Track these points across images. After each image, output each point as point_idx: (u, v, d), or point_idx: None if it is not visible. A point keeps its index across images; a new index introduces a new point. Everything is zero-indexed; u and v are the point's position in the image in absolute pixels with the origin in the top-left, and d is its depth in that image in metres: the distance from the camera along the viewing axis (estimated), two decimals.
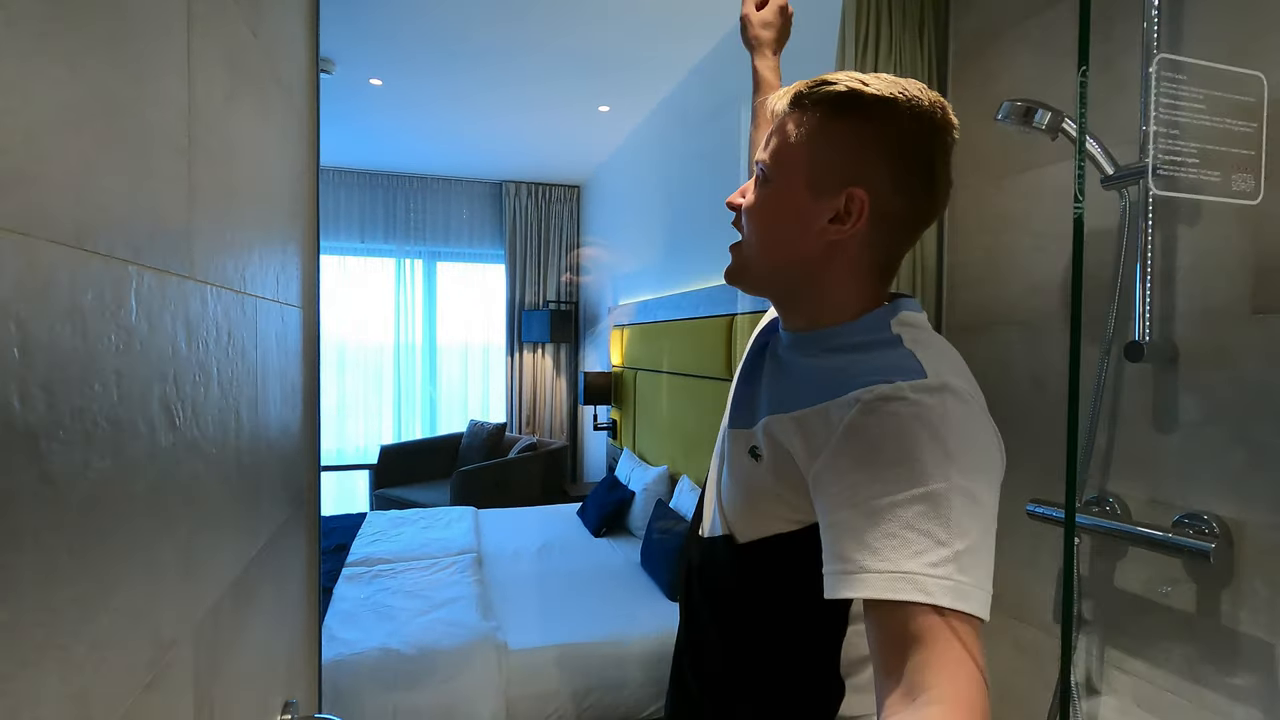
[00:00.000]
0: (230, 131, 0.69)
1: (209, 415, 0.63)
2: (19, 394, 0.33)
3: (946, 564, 0.51)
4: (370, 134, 4.30)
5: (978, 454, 0.55)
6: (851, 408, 0.58)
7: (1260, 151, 0.76)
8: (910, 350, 0.61)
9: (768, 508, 0.66)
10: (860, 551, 0.53)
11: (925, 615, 0.50)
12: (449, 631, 2.07)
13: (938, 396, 0.56)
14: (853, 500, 0.55)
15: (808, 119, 0.64)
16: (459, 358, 5.74)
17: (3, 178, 0.31)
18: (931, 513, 0.52)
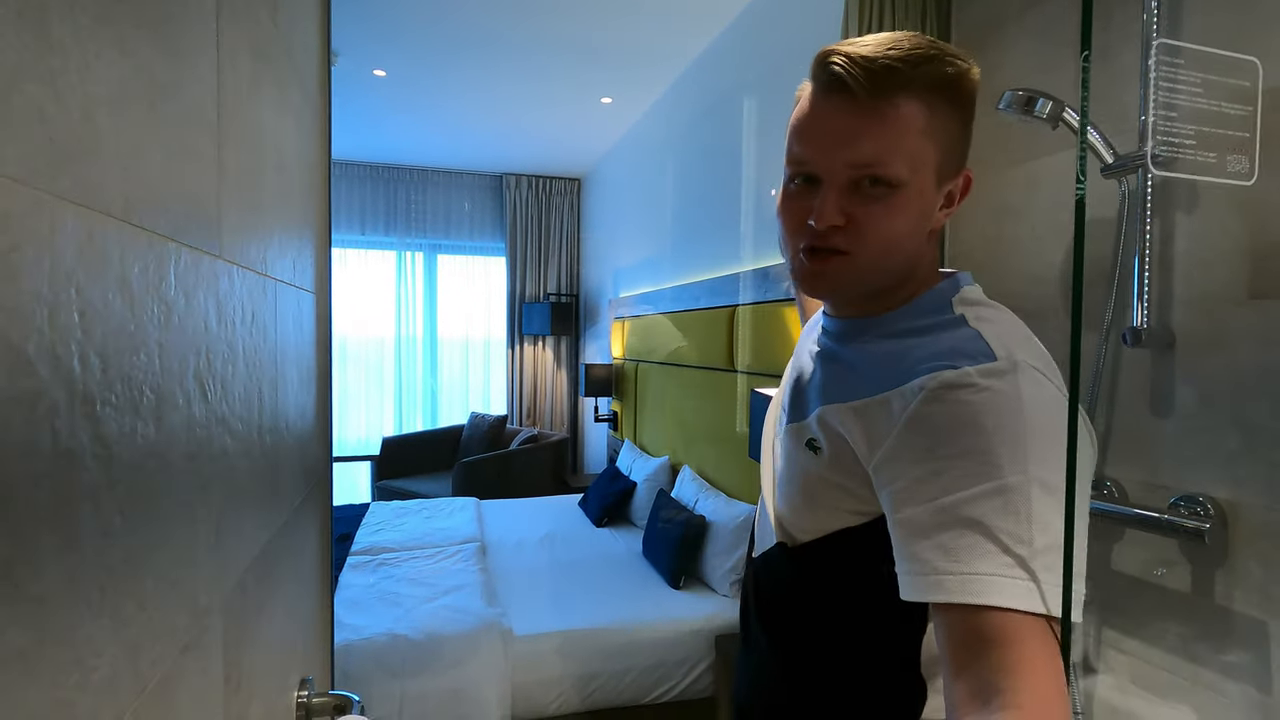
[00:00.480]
0: (254, 119, 0.71)
1: (236, 392, 0.65)
2: (79, 357, 0.35)
3: (1023, 564, 0.47)
4: (372, 126, 4.30)
5: (1056, 440, 0.50)
6: (915, 396, 0.54)
7: (1255, 134, 0.78)
8: (976, 330, 0.57)
9: (830, 501, 0.62)
10: (932, 551, 0.50)
11: (1001, 617, 0.46)
12: (455, 618, 2.10)
13: (1009, 380, 0.52)
14: (922, 496, 0.51)
15: (924, 107, 0.57)
16: (460, 350, 5.75)
17: (67, 151, 0.33)
18: (1007, 508, 0.48)
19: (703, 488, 2.78)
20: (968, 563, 0.48)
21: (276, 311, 0.85)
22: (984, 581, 0.47)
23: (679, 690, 2.14)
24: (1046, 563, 0.48)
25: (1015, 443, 0.50)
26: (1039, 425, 0.51)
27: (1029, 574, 0.47)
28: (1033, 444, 0.50)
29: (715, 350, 2.82)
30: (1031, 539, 0.48)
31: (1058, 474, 0.49)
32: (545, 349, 5.64)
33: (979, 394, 0.52)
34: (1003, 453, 0.49)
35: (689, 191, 3.32)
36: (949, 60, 0.58)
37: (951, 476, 0.50)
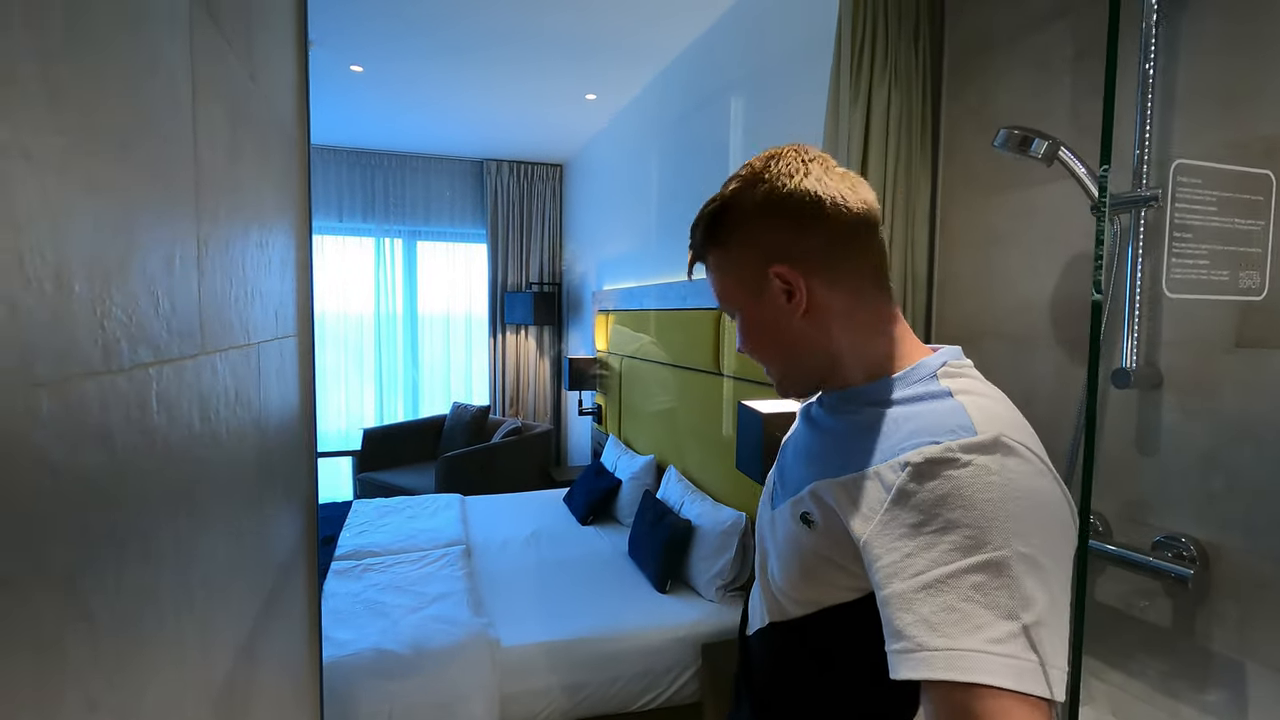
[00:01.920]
0: (235, 181, 0.68)
1: (221, 480, 0.64)
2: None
3: (1011, 640, 0.47)
4: (347, 112, 4.19)
5: (1039, 515, 0.51)
6: (901, 471, 0.55)
7: (1267, 249, 0.78)
8: (960, 404, 0.58)
9: (824, 576, 0.63)
10: (917, 627, 0.50)
11: (990, 697, 0.46)
12: (442, 629, 2.09)
13: (990, 455, 0.52)
14: (907, 571, 0.52)
15: (710, 251, 0.70)
16: (441, 339, 5.69)
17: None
18: (992, 583, 0.49)
19: (688, 490, 2.79)
20: (953, 638, 0.48)
21: (260, 375, 0.83)
22: (969, 658, 0.47)
23: (666, 697, 2.17)
24: (1032, 639, 0.48)
25: (998, 518, 0.50)
26: (1021, 500, 0.51)
27: (1015, 651, 0.47)
28: (1015, 519, 0.50)
29: (701, 353, 2.82)
30: (1017, 614, 0.48)
31: (1044, 547, 0.50)
32: (528, 338, 5.60)
33: (962, 469, 0.52)
34: (986, 527, 0.50)
35: (675, 188, 3.28)
36: (715, 200, 0.68)
37: (937, 552, 0.51)
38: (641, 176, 3.73)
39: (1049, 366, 1.35)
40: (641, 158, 3.73)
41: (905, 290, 1.61)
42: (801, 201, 0.63)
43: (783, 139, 2.34)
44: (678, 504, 2.76)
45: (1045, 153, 1.14)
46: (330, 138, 4.93)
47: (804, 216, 0.63)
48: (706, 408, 2.81)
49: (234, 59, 0.72)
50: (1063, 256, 1.32)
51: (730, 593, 2.41)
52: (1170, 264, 0.81)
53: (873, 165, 1.57)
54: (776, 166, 0.65)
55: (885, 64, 1.57)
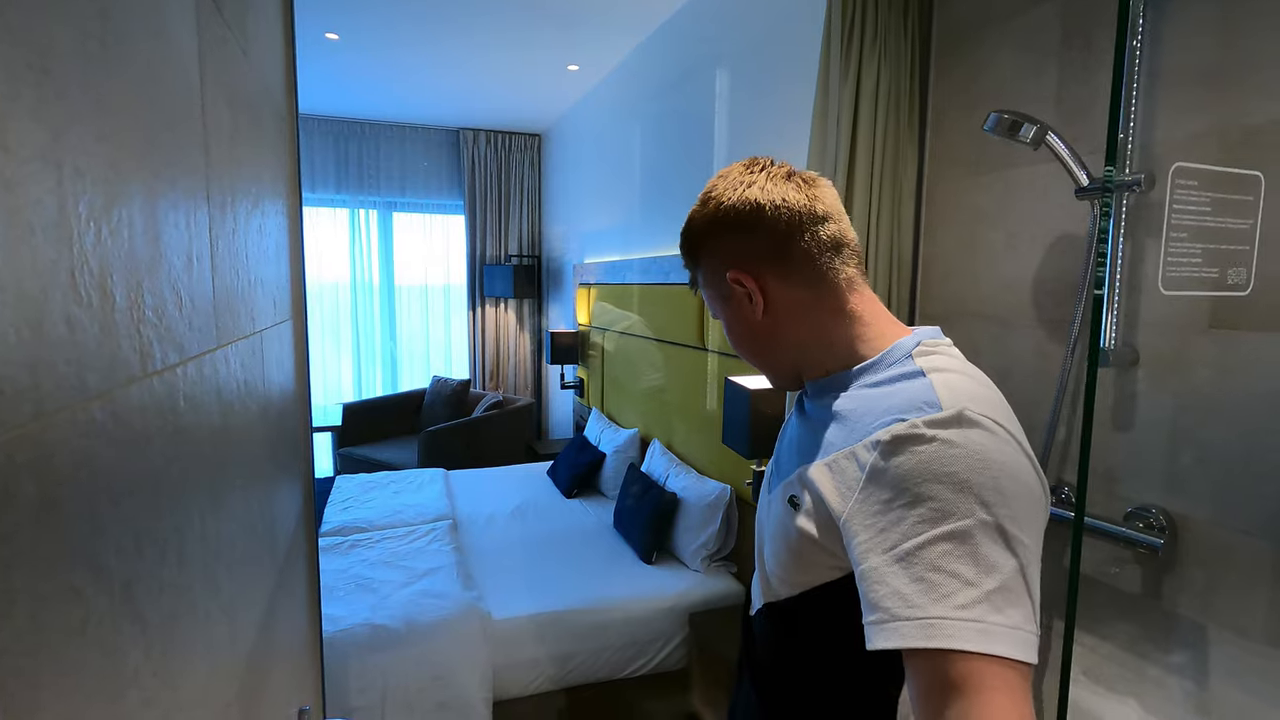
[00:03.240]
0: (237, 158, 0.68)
1: (225, 461, 0.64)
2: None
3: (976, 605, 0.49)
4: (319, 79, 4.06)
5: (1004, 484, 0.53)
6: (873, 450, 0.57)
7: (1254, 246, 0.81)
8: (929, 381, 0.60)
9: (811, 556, 0.65)
10: (889, 599, 0.52)
11: (961, 662, 0.48)
12: (433, 604, 2.12)
13: (954, 429, 0.54)
14: (880, 546, 0.54)
15: (694, 274, 0.77)
16: (419, 312, 5.63)
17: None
18: (956, 551, 0.51)
19: (673, 463, 2.83)
20: (921, 607, 0.50)
21: (264, 363, 0.83)
22: (938, 625, 0.49)
23: (654, 664, 2.23)
24: (998, 603, 0.49)
25: (962, 489, 0.52)
26: (985, 470, 0.53)
27: (980, 615, 0.49)
28: (980, 488, 0.52)
29: (685, 328, 2.83)
30: (981, 581, 0.50)
31: (1008, 516, 0.52)
32: (508, 311, 5.57)
33: (927, 444, 0.54)
34: (951, 499, 0.52)
35: (659, 162, 3.26)
36: (682, 230, 0.76)
37: (906, 525, 0.53)
38: (623, 148, 3.69)
39: (1029, 345, 1.39)
40: (623, 129, 3.68)
41: (890, 268, 1.63)
42: (742, 211, 0.69)
43: (771, 114, 2.34)
44: (662, 477, 2.80)
45: (1034, 137, 1.16)
46: (301, 105, 4.78)
47: (746, 224, 0.69)
48: (691, 382, 2.84)
49: (234, 43, 0.71)
50: (1045, 238, 1.35)
51: (715, 563, 2.47)
52: (1166, 262, 0.84)
53: (861, 142, 1.58)
54: (722, 183, 0.72)
55: (875, 40, 1.57)
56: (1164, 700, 1.12)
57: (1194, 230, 0.82)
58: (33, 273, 0.28)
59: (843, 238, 0.70)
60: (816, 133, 1.63)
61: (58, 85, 0.31)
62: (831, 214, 0.69)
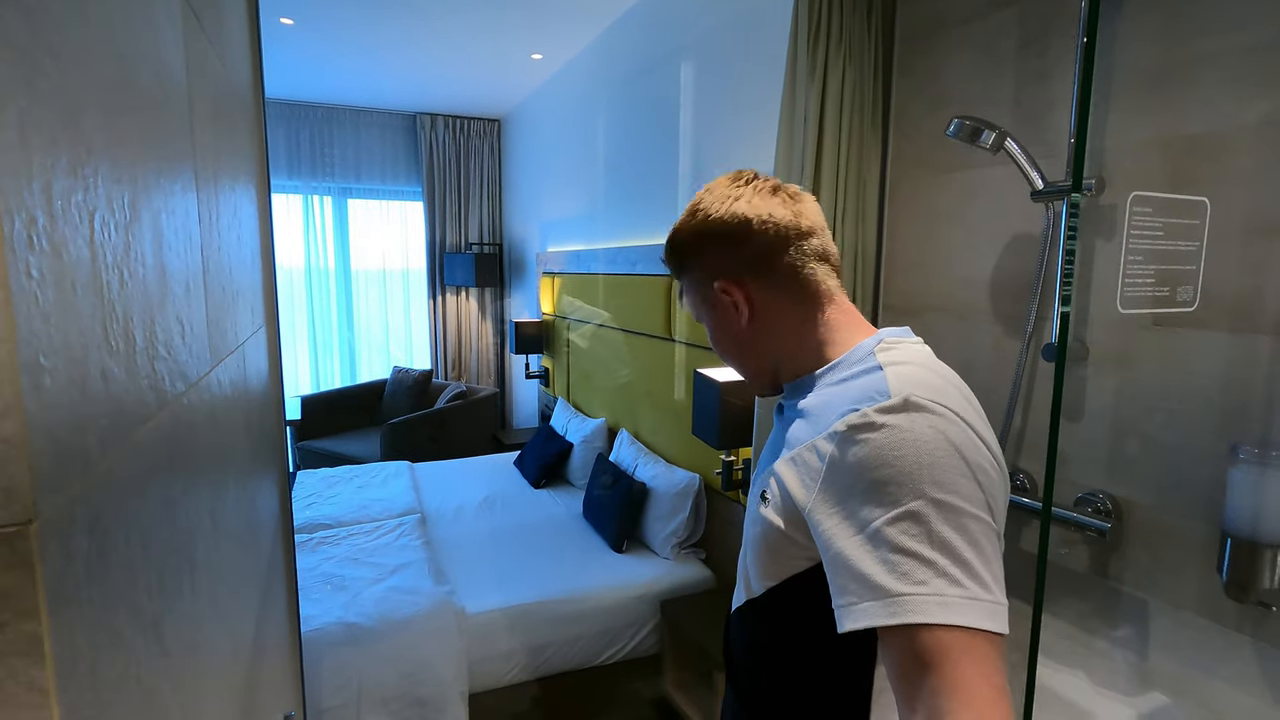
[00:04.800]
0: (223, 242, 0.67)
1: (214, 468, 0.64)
2: None
3: (935, 579, 0.51)
4: (268, 62, 3.91)
5: (951, 462, 0.55)
6: (831, 441, 0.60)
7: (1200, 266, 0.87)
8: (883, 374, 0.63)
9: (781, 548, 0.67)
10: (854, 582, 0.54)
11: (927, 635, 0.50)
12: (406, 600, 2.12)
13: (902, 414, 0.57)
14: (842, 532, 0.57)
15: (678, 282, 0.80)
16: (377, 301, 5.52)
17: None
18: (912, 531, 0.53)
19: (642, 452, 2.86)
20: (884, 587, 0.53)
21: (246, 372, 0.82)
22: (901, 602, 0.52)
23: (627, 650, 2.28)
24: (955, 576, 0.52)
25: (912, 471, 0.55)
26: (933, 451, 0.55)
27: (940, 589, 0.51)
28: (928, 468, 0.55)
29: (653, 318, 2.86)
30: (936, 559, 0.52)
31: (957, 493, 0.55)
32: (469, 300, 5.50)
33: (876, 431, 0.57)
34: (903, 482, 0.55)
35: (622, 152, 3.25)
36: (667, 241, 0.79)
37: (864, 511, 0.56)
38: (587, 137, 3.67)
39: (988, 338, 1.46)
40: (586, 118, 3.66)
41: (855, 264, 1.68)
42: (729, 224, 0.72)
43: (737, 108, 2.36)
44: (631, 466, 2.84)
45: (993, 143, 1.21)
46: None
47: (734, 236, 0.72)
48: (658, 372, 2.87)
49: (213, 57, 0.69)
50: (1003, 236, 1.41)
51: (685, 550, 2.52)
52: (1124, 283, 0.90)
53: (827, 141, 1.62)
54: (709, 197, 0.75)
55: (840, 40, 1.60)
56: (1110, 672, 1.20)
57: (1148, 254, 0.88)
58: (78, 332, 0.29)
59: (825, 251, 0.73)
60: (784, 131, 1.66)
61: (85, 134, 0.31)
62: (815, 229, 0.73)
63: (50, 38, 0.27)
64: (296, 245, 5.17)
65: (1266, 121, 1.00)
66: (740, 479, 2.15)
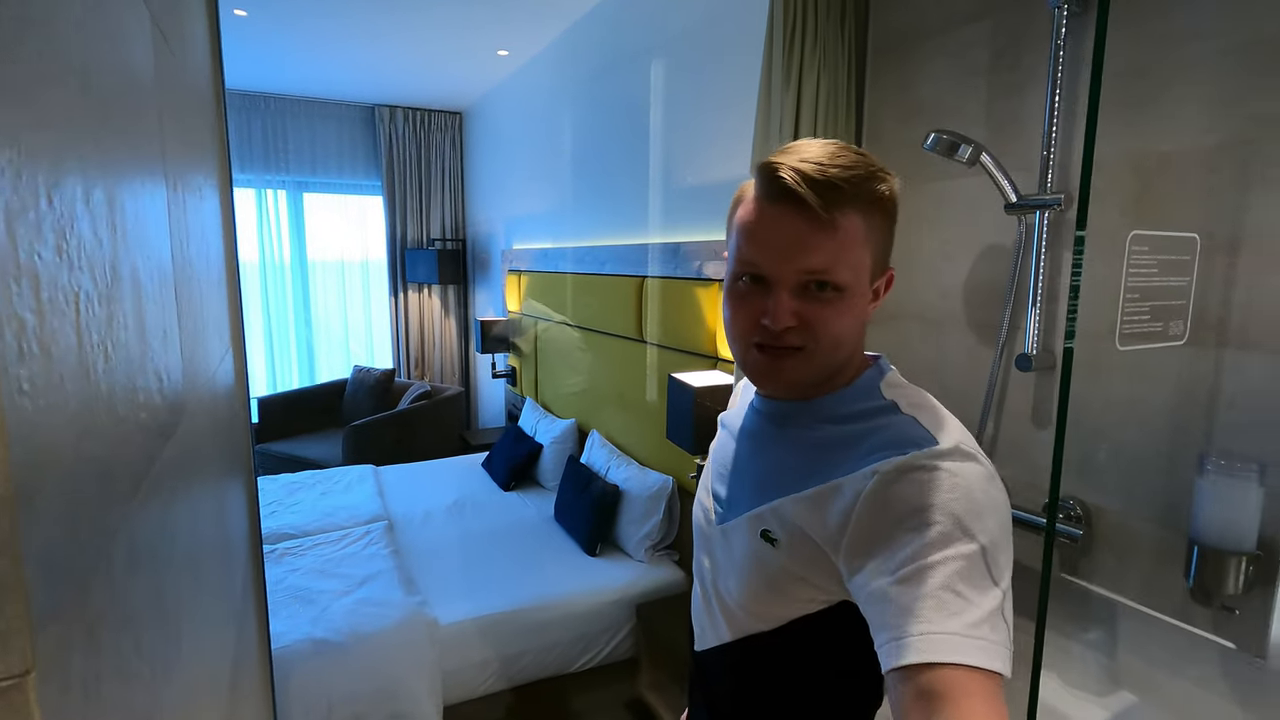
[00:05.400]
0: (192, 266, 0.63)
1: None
2: None
3: (981, 624, 0.52)
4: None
5: (995, 512, 0.57)
6: (869, 480, 0.59)
7: (1189, 301, 0.89)
8: (911, 416, 0.63)
9: (792, 591, 0.65)
10: (899, 617, 0.54)
11: (955, 674, 0.50)
12: (376, 613, 2.07)
13: (953, 460, 0.58)
14: (887, 568, 0.56)
15: (863, 220, 0.63)
16: (335, 293, 5.36)
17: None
18: (965, 573, 0.53)
19: (614, 454, 2.85)
20: (935, 623, 0.52)
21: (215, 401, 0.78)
22: (951, 641, 0.52)
23: (603, 655, 2.27)
24: (995, 623, 0.53)
25: (965, 515, 0.55)
26: (981, 499, 0.57)
27: (984, 634, 0.52)
28: (978, 516, 0.56)
29: (623, 319, 2.84)
30: (983, 602, 0.53)
31: (1000, 542, 0.56)
32: (432, 297, 5.40)
33: (928, 473, 0.57)
34: (956, 524, 0.55)
35: (591, 151, 3.22)
36: (881, 178, 0.64)
37: (913, 547, 0.55)
38: (553, 134, 3.62)
39: (961, 347, 1.48)
40: (553, 114, 3.61)
41: None
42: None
43: (708, 110, 2.35)
44: (603, 469, 2.82)
45: (969, 157, 1.23)
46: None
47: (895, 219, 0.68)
48: (629, 374, 2.86)
49: (180, 70, 0.65)
50: (976, 246, 1.44)
51: (659, 552, 2.52)
52: (1122, 321, 0.92)
53: None
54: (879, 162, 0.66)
55: (815, 46, 1.60)
56: (1081, 673, 1.24)
57: (1145, 290, 0.90)
58: (69, 434, 0.26)
59: None
60: (759, 137, 1.66)
61: (68, 172, 0.28)
62: None
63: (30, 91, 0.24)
64: (250, 240, 4.99)
65: (1228, 141, 1.03)
66: None
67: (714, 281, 2.23)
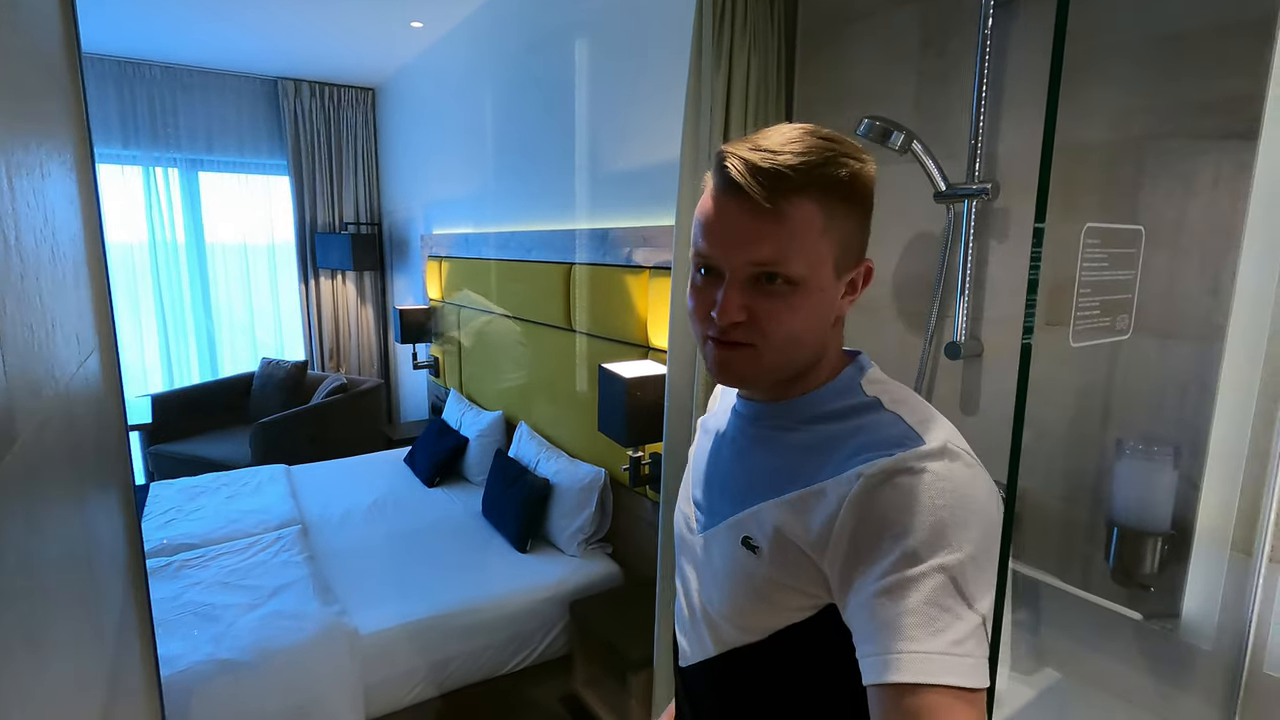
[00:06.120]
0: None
1: None
2: None
3: (968, 639, 0.51)
4: (92, 6, 3.37)
5: (983, 516, 0.54)
6: (854, 484, 0.56)
7: (1134, 295, 0.90)
8: (895, 414, 0.60)
9: (777, 599, 0.62)
10: (884, 632, 0.52)
11: (940, 698, 0.49)
12: (288, 626, 1.93)
13: (940, 461, 0.55)
14: (870, 579, 0.54)
15: (820, 208, 0.58)
16: (239, 279, 4.99)
17: None
18: (950, 586, 0.51)
19: (543, 447, 2.77)
20: (920, 641, 0.51)
21: (72, 414, 0.67)
22: (936, 660, 0.50)
23: (537, 655, 2.20)
24: (980, 637, 0.52)
25: (951, 523, 0.53)
26: (969, 503, 0.54)
27: (971, 650, 0.51)
28: (964, 524, 0.53)
29: (551, 307, 2.75)
30: (970, 616, 0.51)
31: (986, 548, 0.54)
32: (346, 284, 5.11)
33: (914, 477, 0.55)
34: (942, 532, 0.53)
35: (515, 131, 3.09)
36: (843, 161, 0.60)
37: (896, 558, 0.53)
38: (474, 114, 3.46)
39: (892, 335, 1.49)
40: (473, 92, 3.45)
41: None
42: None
43: (638, 90, 2.28)
44: (533, 462, 2.74)
45: (901, 144, 1.22)
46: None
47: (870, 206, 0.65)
48: (558, 363, 2.78)
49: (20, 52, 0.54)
50: (906, 235, 1.44)
51: (592, 546, 2.47)
52: (1076, 318, 0.92)
53: (733, 127, 1.58)
54: (854, 146, 0.62)
55: (745, 28, 1.56)
56: (1008, 653, 1.27)
57: (1095, 285, 0.90)
58: None
59: None
60: (690, 120, 1.61)
61: None
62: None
63: None
64: (139, 222, 4.56)
65: (1145, 135, 1.06)
66: (648, 474, 2.11)
67: (644, 269, 2.18)
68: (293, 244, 4.97)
